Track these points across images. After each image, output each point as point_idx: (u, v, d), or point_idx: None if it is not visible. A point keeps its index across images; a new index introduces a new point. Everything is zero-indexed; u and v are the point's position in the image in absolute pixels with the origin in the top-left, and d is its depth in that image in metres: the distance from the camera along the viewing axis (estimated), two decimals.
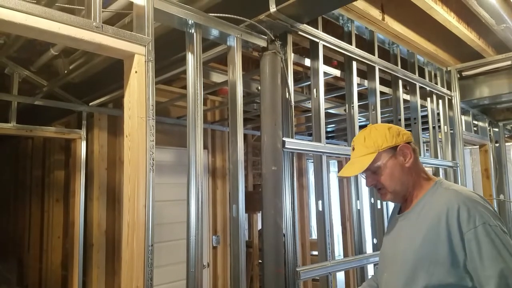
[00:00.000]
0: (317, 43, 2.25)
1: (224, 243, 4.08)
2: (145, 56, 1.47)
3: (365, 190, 2.41)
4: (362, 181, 2.44)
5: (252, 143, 5.09)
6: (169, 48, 2.09)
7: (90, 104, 3.16)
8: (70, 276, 3.20)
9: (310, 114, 2.29)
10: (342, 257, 4.70)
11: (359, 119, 2.60)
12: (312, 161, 2.26)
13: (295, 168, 2.08)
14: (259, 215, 2.42)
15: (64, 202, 3.69)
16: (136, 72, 1.44)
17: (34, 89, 3.03)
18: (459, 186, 1.39)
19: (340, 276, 5.42)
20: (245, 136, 4.89)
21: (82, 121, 3.18)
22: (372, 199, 2.60)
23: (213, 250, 4.04)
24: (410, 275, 1.27)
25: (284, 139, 1.99)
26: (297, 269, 1.94)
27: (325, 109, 2.34)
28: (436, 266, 1.22)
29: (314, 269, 2.08)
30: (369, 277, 1.74)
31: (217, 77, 2.85)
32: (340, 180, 5.22)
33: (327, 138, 2.24)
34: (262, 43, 1.99)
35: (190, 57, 1.75)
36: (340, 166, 5.25)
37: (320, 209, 2.15)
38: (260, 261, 2.43)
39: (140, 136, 1.43)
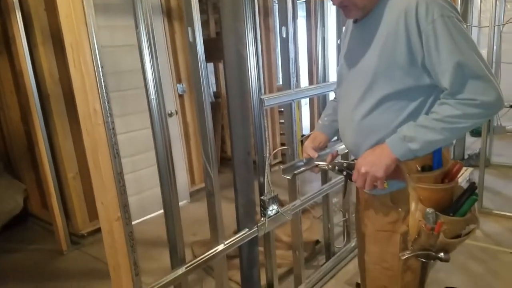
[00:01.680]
0: None
1: (190, 92, 4.02)
2: None
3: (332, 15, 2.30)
4: (329, 4, 2.32)
5: None
6: None
7: None
8: (33, 130, 3.13)
9: None
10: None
11: None
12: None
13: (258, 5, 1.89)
14: None
15: (7, 52, 3.40)
16: None
17: None
18: None
19: (305, 120, 5.62)
20: None
21: None
22: (339, 40, 2.49)
23: (179, 98, 4.00)
24: (369, 83, 1.24)
25: None
26: (261, 97, 1.91)
27: None
28: (395, 69, 1.19)
29: (277, 96, 2.07)
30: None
31: None
32: (308, 9, 4.95)
33: None
34: None
35: None
36: (309, 10, 4.95)
37: (284, 35, 2.04)
38: None
39: None
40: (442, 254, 1.20)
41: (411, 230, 1.22)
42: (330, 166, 1.41)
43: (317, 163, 1.50)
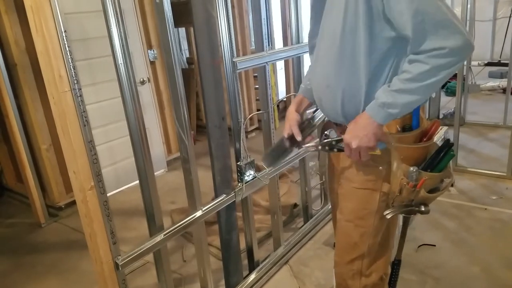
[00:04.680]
0: None
1: (162, 58, 3.92)
2: None
3: None
4: None
5: None
6: None
7: None
8: (2, 101, 3.03)
9: None
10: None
11: None
12: None
13: None
14: None
15: None
16: None
17: None
18: None
19: (281, 85, 5.59)
20: None
21: None
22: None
23: (151, 65, 3.90)
24: (338, 46, 1.22)
25: None
26: (233, 60, 1.87)
27: None
28: (360, 28, 1.17)
29: (250, 59, 2.03)
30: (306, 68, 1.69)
31: None
32: None
33: None
34: None
35: None
36: None
37: None
38: None
39: None
40: (422, 207, 1.28)
41: (393, 187, 1.26)
42: (320, 147, 1.37)
43: (304, 146, 1.43)
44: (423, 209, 1.28)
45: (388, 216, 1.30)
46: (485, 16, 7.06)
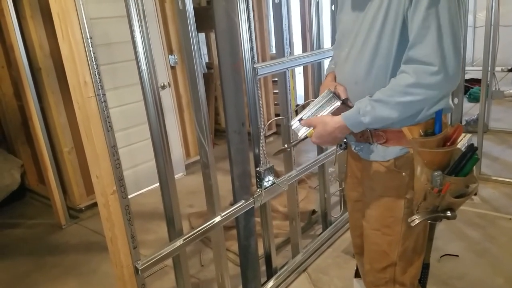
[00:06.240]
0: None
1: (182, 63, 3.96)
2: None
3: None
4: None
5: None
6: None
7: None
8: (26, 104, 3.09)
9: None
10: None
11: None
12: None
13: None
14: None
15: None
16: None
17: None
18: None
19: (300, 89, 5.57)
20: None
21: None
22: (333, 6, 2.43)
23: (171, 70, 3.94)
24: (377, 41, 1.21)
25: None
26: (254, 66, 1.87)
27: None
28: (397, 31, 1.17)
29: (271, 65, 2.02)
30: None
31: None
32: None
33: None
34: None
35: None
36: None
37: (277, 1, 1.98)
38: None
39: None
40: (448, 212, 1.25)
41: (417, 193, 1.25)
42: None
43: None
44: (449, 214, 1.25)
45: (413, 224, 1.27)
46: (510, 21, 6.90)
